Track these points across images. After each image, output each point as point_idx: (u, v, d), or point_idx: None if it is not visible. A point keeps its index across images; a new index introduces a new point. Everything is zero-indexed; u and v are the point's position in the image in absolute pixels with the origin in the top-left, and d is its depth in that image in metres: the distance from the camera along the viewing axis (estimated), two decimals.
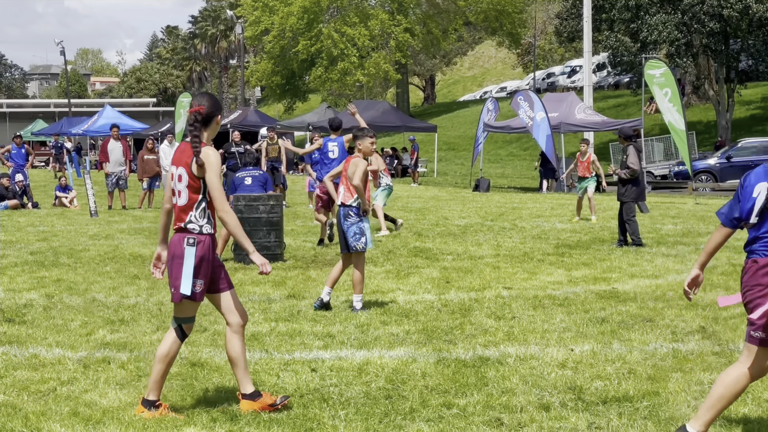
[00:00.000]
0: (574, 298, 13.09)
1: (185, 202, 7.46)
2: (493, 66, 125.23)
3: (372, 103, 65.95)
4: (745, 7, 51.31)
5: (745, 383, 6.65)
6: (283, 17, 78.46)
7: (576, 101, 47.01)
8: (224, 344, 7.82)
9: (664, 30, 53.58)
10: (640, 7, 55.06)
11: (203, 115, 7.52)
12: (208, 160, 7.34)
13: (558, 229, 23.38)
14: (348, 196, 12.24)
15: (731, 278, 14.76)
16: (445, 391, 8.37)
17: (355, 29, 78.54)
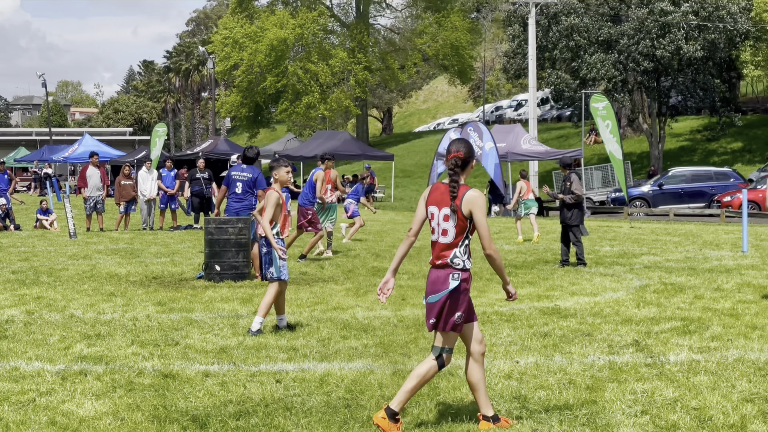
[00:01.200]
0: (519, 314, 13.11)
1: (451, 240, 7.43)
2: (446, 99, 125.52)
3: (334, 133, 66.07)
4: (676, 47, 51.79)
5: None
6: (252, 53, 78.46)
7: (522, 132, 47.26)
8: (464, 370, 7.70)
9: (602, 68, 53.99)
10: (579, 47, 55.46)
11: (462, 160, 7.51)
12: (476, 203, 7.36)
13: (505, 250, 23.43)
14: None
15: (662, 296, 14.84)
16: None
17: (318, 66, 78.68)
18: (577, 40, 55.23)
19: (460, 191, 7.40)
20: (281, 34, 77.27)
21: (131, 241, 25.88)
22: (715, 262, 19.98)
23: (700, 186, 45.24)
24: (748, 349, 10.58)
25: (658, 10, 51.71)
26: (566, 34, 55.48)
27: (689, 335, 11.38)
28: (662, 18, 51.82)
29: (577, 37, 55.15)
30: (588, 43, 55.14)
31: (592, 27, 54.86)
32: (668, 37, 51.95)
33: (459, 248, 7.42)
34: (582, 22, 54.82)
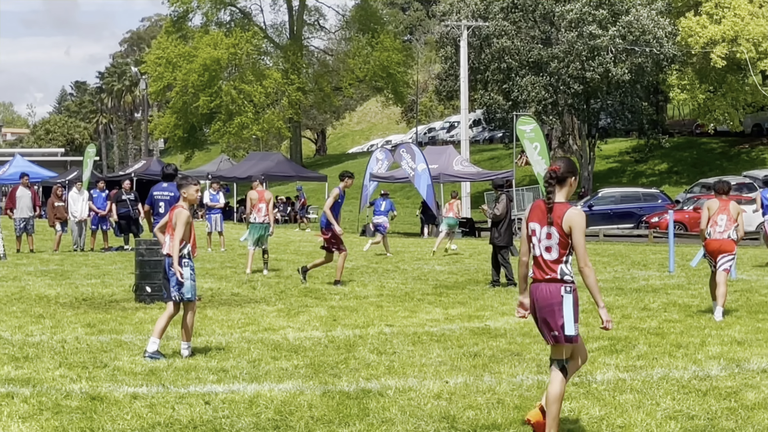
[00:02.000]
0: (450, 334, 13.15)
1: (556, 256, 7.56)
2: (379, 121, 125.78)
3: (267, 154, 65.98)
4: (605, 70, 52.45)
5: None
6: (186, 73, 78.15)
7: (454, 154, 47.49)
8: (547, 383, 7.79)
9: (533, 90, 54.52)
10: (511, 69, 55.97)
11: (558, 175, 7.65)
12: (576, 221, 7.52)
13: (437, 271, 23.51)
14: (172, 246, 11.39)
15: (590, 315, 14.96)
16: (330, 421, 8.33)
17: (251, 86, 78.57)
18: (508, 62, 55.75)
19: (561, 209, 7.60)
20: (215, 54, 77.13)
21: (62, 262, 25.56)
22: (643, 282, 20.21)
23: (629, 207, 45.76)
24: (673, 367, 10.71)
25: (587, 33, 52.32)
26: (498, 57, 55.99)
27: (616, 354, 11.50)
28: (591, 41, 52.44)
29: (508, 60, 55.67)
30: (519, 65, 55.69)
31: (523, 49, 55.42)
32: (597, 60, 52.61)
33: (565, 264, 7.59)
34: (513, 45, 55.35)
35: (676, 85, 54.95)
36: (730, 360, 11.07)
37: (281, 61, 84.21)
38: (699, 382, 9.87)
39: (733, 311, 15.35)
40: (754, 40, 51.43)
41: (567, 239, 7.53)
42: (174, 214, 11.52)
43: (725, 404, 8.95)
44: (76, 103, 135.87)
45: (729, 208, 15.49)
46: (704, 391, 9.45)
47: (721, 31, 51.41)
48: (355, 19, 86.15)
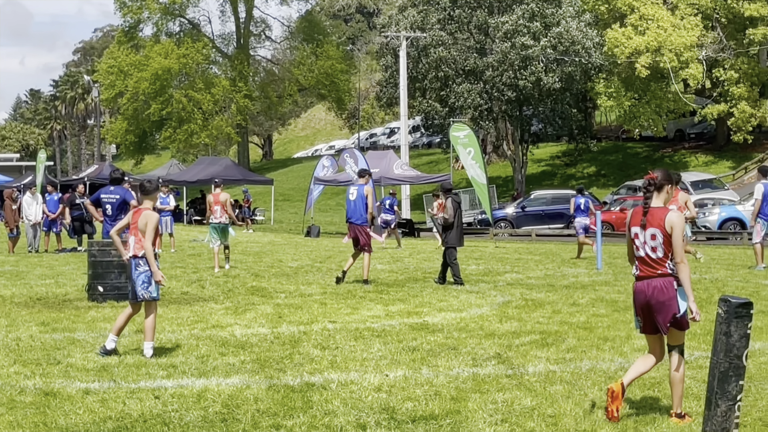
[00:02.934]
0: (390, 329, 13.15)
1: (662, 255, 8.05)
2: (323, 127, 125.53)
3: (215, 159, 65.73)
4: (537, 79, 52.80)
5: None
6: (137, 81, 77.55)
7: (394, 158, 47.55)
8: (667, 370, 8.38)
9: (469, 97, 54.73)
10: (448, 77, 56.16)
11: (656, 183, 8.22)
12: (676, 223, 8.03)
13: (378, 269, 23.50)
14: (138, 248, 11.20)
15: (523, 311, 15.06)
16: (275, 414, 8.30)
17: (201, 94, 78.16)
18: (445, 71, 55.93)
19: (662, 212, 8.12)
20: (166, 63, 76.62)
21: (17, 263, 25.24)
22: (572, 279, 20.37)
23: (560, 208, 46.04)
24: (600, 359, 10.81)
25: (520, 44, 52.62)
26: (435, 65, 56.14)
27: (547, 347, 11.57)
28: (523, 51, 52.76)
29: (445, 68, 55.86)
30: (455, 73, 55.89)
31: (459, 58, 55.62)
32: (529, 69, 52.94)
33: (670, 260, 8.04)
34: (450, 54, 55.53)
35: (603, 92, 55.45)
36: None
37: (229, 70, 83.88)
38: (624, 374, 9.93)
39: None
40: (676, 51, 52.03)
41: (669, 238, 8.01)
42: (143, 216, 11.22)
43: (649, 393, 9.05)
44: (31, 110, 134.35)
45: (678, 197, 18.51)
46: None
47: (645, 41, 51.96)
48: (300, 29, 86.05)
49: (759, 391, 9.11)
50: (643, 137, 63.65)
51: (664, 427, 7.83)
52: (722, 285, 18.76)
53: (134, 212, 11.53)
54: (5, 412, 8.35)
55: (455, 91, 55.32)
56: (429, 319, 14.29)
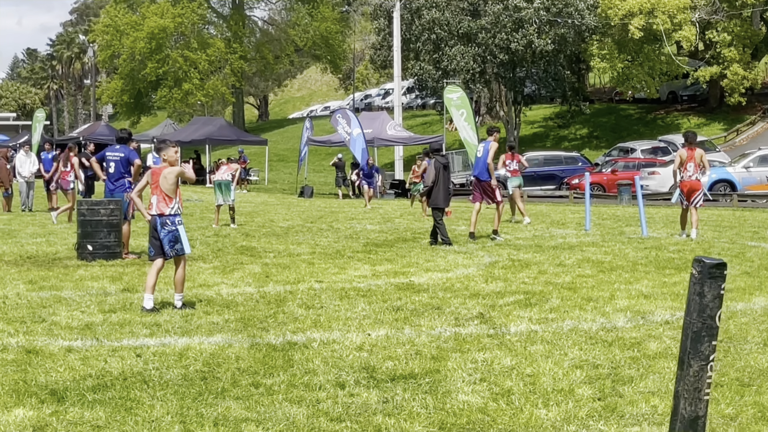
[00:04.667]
0: (375, 289, 13.11)
1: None
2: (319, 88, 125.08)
3: (210, 119, 65.40)
4: (529, 41, 52.56)
5: None
6: (134, 41, 77.07)
7: (387, 119, 47.49)
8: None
9: (462, 60, 54.50)
10: (441, 40, 55.87)
11: None
12: None
13: (368, 230, 23.47)
14: (164, 206, 11.35)
15: (509, 271, 15.03)
16: (255, 373, 8.26)
17: (196, 54, 77.76)
18: (438, 33, 55.65)
19: None
20: (161, 23, 76.12)
21: (9, 222, 25.16)
22: (560, 240, 20.33)
23: (552, 169, 46.07)
24: (582, 319, 10.77)
25: (513, 6, 52.38)
26: (428, 27, 55.86)
27: (530, 307, 11.54)
28: (516, 14, 52.50)
29: (438, 31, 55.57)
30: (449, 36, 55.59)
31: (453, 21, 55.33)
32: (521, 32, 52.67)
33: None
34: (443, 16, 55.25)
35: (596, 54, 55.27)
36: (636, 312, 11.15)
37: (225, 30, 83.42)
38: (606, 334, 9.93)
39: (642, 266, 15.49)
40: (670, 13, 51.79)
41: None
42: (162, 175, 11.35)
43: (629, 354, 9.01)
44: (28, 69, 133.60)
45: (695, 155, 19.56)
46: (610, 342, 9.50)
47: (638, 3, 51.70)
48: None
49: (738, 351, 9.09)
50: (636, 99, 63.56)
51: (641, 387, 7.80)
52: (708, 246, 18.74)
53: (152, 172, 11.59)
54: None
55: (448, 53, 55.05)
56: (415, 279, 14.25)
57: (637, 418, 7.00)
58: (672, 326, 10.22)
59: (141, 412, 7.03)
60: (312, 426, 6.76)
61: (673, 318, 10.68)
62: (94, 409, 7.06)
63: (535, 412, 7.10)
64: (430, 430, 6.73)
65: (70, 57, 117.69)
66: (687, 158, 19.76)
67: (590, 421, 6.92)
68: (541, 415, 7.04)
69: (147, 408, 7.12)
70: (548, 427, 6.80)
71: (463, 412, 7.10)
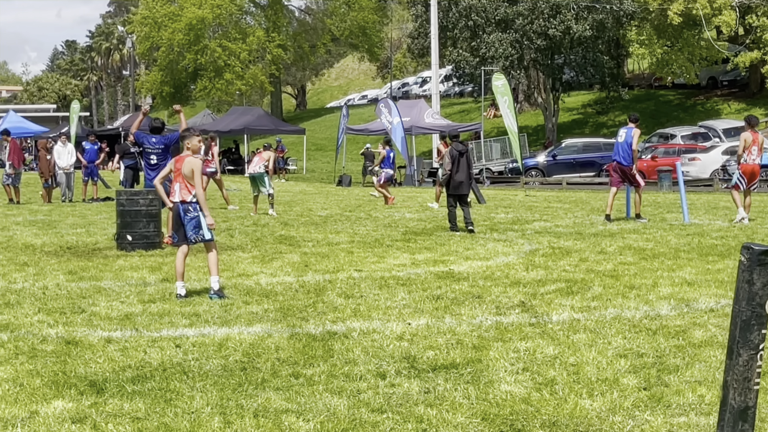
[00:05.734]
0: (415, 278, 12.99)
1: None
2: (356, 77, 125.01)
3: (248, 109, 65.48)
4: (567, 27, 52.13)
5: None
6: (172, 32, 77.23)
7: (425, 107, 47.34)
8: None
9: (500, 47, 54.13)
10: (478, 27, 55.52)
11: None
12: None
13: (407, 218, 23.36)
14: (186, 193, 11.44)
15: (550, 259, 14.86)
16: (295, 363, 8.18)
17: (235, 44, 77.84)
18: (475, 20, 55.27)
19: None
20: (200, 14, 76.20)
21: (50, 213, 25.28)
22: (601, 227, 20.10)
23: (591, 156, 45.74)
24: (625, 307, 10.60)
25: None
26: (465, 14, 55.50)
27: (572, 296, 11.37)
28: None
29: (475, 17, 55.19)
30: (486, 22, 55.23)
31: (490, 8, 54.93)
32: (559, 18, 52.25)
33: None
34: (480, 3, 54.87)
35: (635, 40, 54.74)
36: (679, 300, 10.96)
37: (263, 20, 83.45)
38: (649, 322, 9.75)
39: (684, 253, 15.26)
40: None
41: None
42: (186, 162, 11.50)
43: (673, 342, 8.84)
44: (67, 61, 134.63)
45: (758, 139, 19.82)
46: (654, 330, 9.33)
47: None
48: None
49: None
50: (675, 85, 62.89)
51: (687, 376, 7.64)
52: (752, 233, 18.46)
53: (176, 160, 11.70)
54: (26, 360, 8.27)
55: (485, 40, 54.70)
56: (455, 267, 14.12)
57: (683, 408, 6.85)
58: (717, 314, 10.03)
59: (180, 403, 6.96)
60: (353, 417, 6.66)
61: (718, 306, 10.48)
62: (134, 401, 7.01)
63: (580, 402, 6.96)
64: (473, 420, 6.61)
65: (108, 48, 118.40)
66: (752, 142, 19.89)
67: (636, 412, 6.77)
68: (585, 405, 6.89)
69: (186, 399, 7.05)
70: (593, 417, 6.66)
71: (506, 403, 6.97)
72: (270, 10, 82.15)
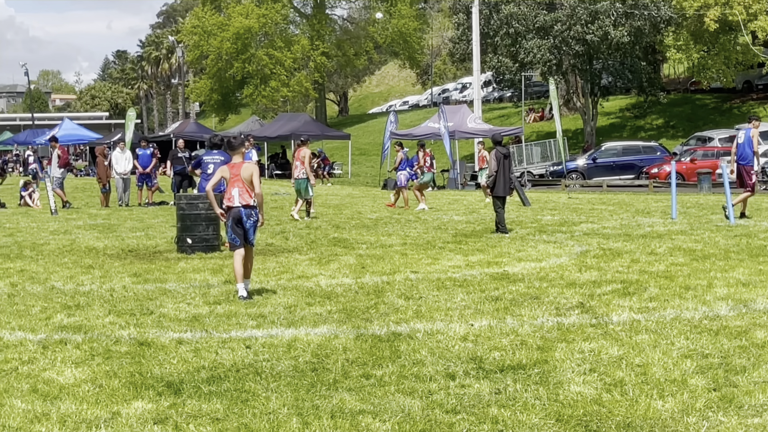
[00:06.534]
0: (471, 279, 12.85)
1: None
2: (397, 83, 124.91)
3: (294, 115, 65.51)
4: (605, 33, 51.69)
5: None
6: (220, 41, 77.56)
7: (468, 112, 47.15)
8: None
9: (539, 53, 53.78)
10: (518, 33, 55.18)
11: None
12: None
13: (455, 220, 23.20)
14: (247, 197, 11.46)
15: (601, 260, 14.67)
16: (364, 364, 8.08)
17: (281, 52, 78.05)
18: (515, 27, 54.94)
19: None
20: (247, 23, 76.46)
21: (108, 216, 25.38)
22: (648, 229, 19.84)
23: (630, 159, 45.32)
24: (684, 308, 10.40)
25: None
26: (506, 22, 55.18)
27: (629, 296, 11.19)
28: (592, 6, 51.70)
29: (515, 24, 54.86)
30: (526, 29, 54.90)
31: (529, 15, 54.60)
32: (596, 24, 51.84)
33: None
34: (520, 11, 54.56)
35: (672, 45, 54.18)
36: (737, 301, 10.74)
37: (307, 29, 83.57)
38: (710, 322, 9.56)
39: (734, 254, 15.00)
40: (745, 3, 50.55)
41: None
42: (245, 167, 11.56)
43: (736, 343, 8.64)
44: (118, 70, 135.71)
45: None
46: (716, 331, 9.14)
47: None
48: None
49: None
50: (711, 89, 62.20)
51: (755, 376, 7.45)
52: None
53: (230, 166, 11.71)
54: (102, 361, 8.23)
55: (525, 46, 54.37)
56: (509, 269, 13.95)
57: (756, 408, 6.67)
58: None
59: (257, 404, 6.87)
60: (428, 418, 6.54)
61: None
62: (211, 402, 6.93)
63: (652, 403, 6.80)
64: (547, 422, 6.47)
65: (158, 58, 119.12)
66: None
67: (709, 413, 6.60)
68: (657, 407, 6.73)
69: (263, 400, 6.97)
70: (667, 418, 6.50)
71: (577, 404, 6.83)
72: (314, 19, 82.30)
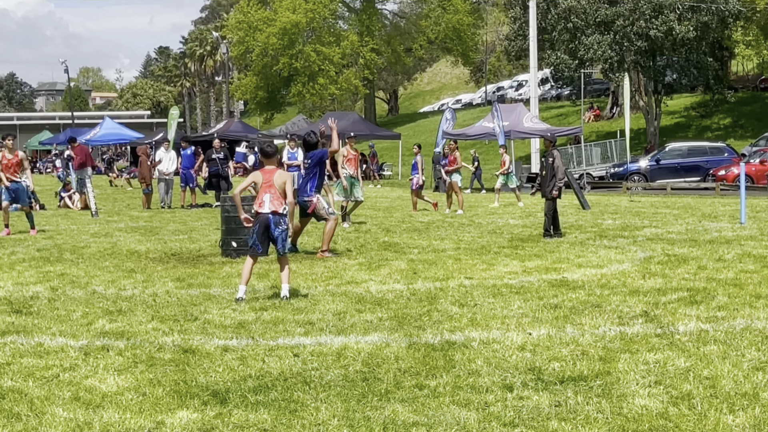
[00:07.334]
0: (528, 286, 12.78)
1: None
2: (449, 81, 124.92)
3: (343, 114, 65.68)
4: (669, 28, 51.27)
5: None
6: (267, 36, 77.95)
7: (524, 111, 46.92)
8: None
9: (599, 49, 53.46)
10: (577, 28, 54.91)
11: None
12: None
13: (511, 224, 23.11)
14: (278, 204, 11.61)
15: (666, 267, 14.53)
16: (417, 373, 8.05)
17: (329, 48, 78.28)
18: (575, 22, 54.68)
19: None
20: (294, 18, 76.82)
21: (150, 219, 25.59)
22: (715, 234, 19.63)
23: (696, 160, 44.82)
24: (755, 318, 10.27)
25: None
26: (564, 16, 54.93)
27: (696, 305, 11.06)
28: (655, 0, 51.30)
29: (574, 19, 54.61)
30: (585, 24, 54.59)
31: (589, 9, 54.30)
32: (661, 18, 51.42)
33: None
34: (579, 5, 54.27)
35: (741, 41, 53.69)
36: None
37: (356, 24, 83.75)
38: None
39: None
40: None
41: None
42: (279, 174, 11.72)
43: None
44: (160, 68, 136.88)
45: None
46: None
47: None
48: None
49: None
50: None
51: None
52: None
53: (263, 172, 11.82)
54: (145, 369, 8.29)
55: (584, 42, 54.05)
56: (568, 275, 13.86)
57: None
58: None
59: (306, 414, 6.88)
60: (484, 431, 6.51)
61: None
62: (258, 412, 6.95)
63: (722, 417, 6.71)
64: None
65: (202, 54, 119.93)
66: None
67: None
68: (728, 422, 6.64)
69: (312, 410, 6.97)
70: None
71: (642, 418, 6.75)
72: (363, 14, 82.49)
